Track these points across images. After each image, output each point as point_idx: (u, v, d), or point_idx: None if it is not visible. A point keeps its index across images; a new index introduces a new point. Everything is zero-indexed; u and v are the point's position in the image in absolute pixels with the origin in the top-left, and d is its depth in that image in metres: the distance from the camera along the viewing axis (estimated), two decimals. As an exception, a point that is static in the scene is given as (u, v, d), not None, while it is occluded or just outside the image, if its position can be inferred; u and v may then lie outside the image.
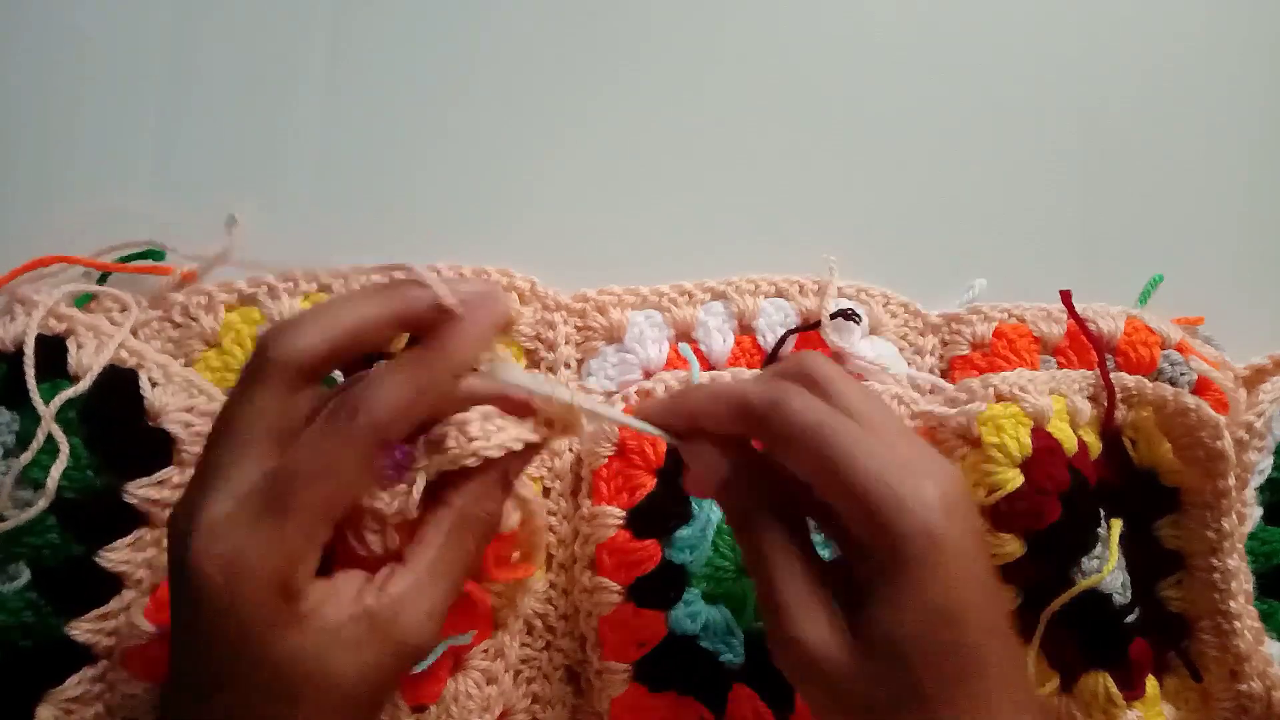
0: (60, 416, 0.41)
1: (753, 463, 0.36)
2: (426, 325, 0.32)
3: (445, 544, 0.32)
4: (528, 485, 0.40)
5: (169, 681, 0.32)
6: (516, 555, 0.42)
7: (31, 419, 0.41)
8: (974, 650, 0.32)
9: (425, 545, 0.32)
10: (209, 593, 0.29)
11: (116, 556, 0.41)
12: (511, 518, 0.41)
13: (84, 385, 0.42)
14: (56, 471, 0.40)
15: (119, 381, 0.43)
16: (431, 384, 0.32)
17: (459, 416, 0.33)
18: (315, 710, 0.30)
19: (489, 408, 0.33)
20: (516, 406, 0.34)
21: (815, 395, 0.34)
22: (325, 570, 0.32)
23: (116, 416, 0.42)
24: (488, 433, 0.33)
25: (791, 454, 0.34)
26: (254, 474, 0.30)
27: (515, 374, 0.33)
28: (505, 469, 0.34)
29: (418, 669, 0.40)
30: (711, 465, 0.36)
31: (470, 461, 0.32)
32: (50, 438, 0.41)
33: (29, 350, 0.41)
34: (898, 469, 0.32)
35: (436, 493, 0.33)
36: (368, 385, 0.31)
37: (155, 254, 0.48)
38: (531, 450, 0.34)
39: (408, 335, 0.35)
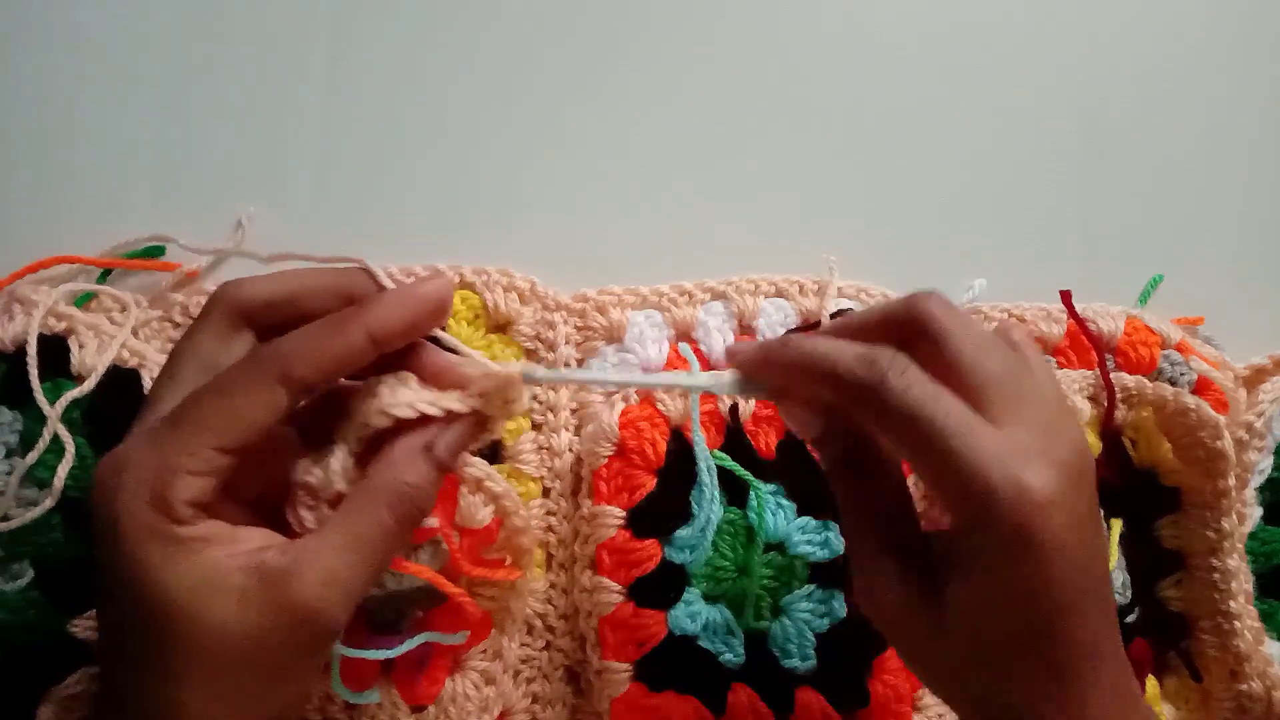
0: (64, 416, 0.41)
1: (847, 421, 0.35)
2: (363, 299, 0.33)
3: (359, 516, 0.31)
4: (500, 481, 0.40)
5: None
6: (508, 559, 0.42)
7: (34, 419, 0.41)
8: (1064, 644, 0.31)
9: (340, 514, 0.32)
10: (93, 495, 0.30)
11: (118, 556, 0.41)
12: (481, 512, 0.41)
13: (89, 385, 0.42)
14: (63, 471, 0.41)
15: (122, 381, 0.43)
16: (342, 331, 0.31)
17: (371, 380, 0.33)
18: (195, 659, 0.29)
19: (405, 373, 0.33)
20: (450, 381, 0.34)
21: (922, 356, 0.32)
22: None
23: (120, 416, 0.42)
24: (396, 392, 0.32)
25: (887, 434, 0.32)
26: (175, 401, 0.31)
27: (452, 340, 0.34)
28: (429, 440, 0.33)
29: (394, 652, 0.39)
30: (803, 422, 0.35)
31: (377, 420, 0.32)
32: (56, 437, 0.41)
33: (31, 350, 0.42)
34: (1000, 457, 0.30)
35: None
36: (288, 335, 0.32)
37: (156, 249, 0.48)
38: (469, 426, 0.33)
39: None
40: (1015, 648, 0.31)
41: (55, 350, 0.43)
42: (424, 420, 0.33)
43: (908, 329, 0.33)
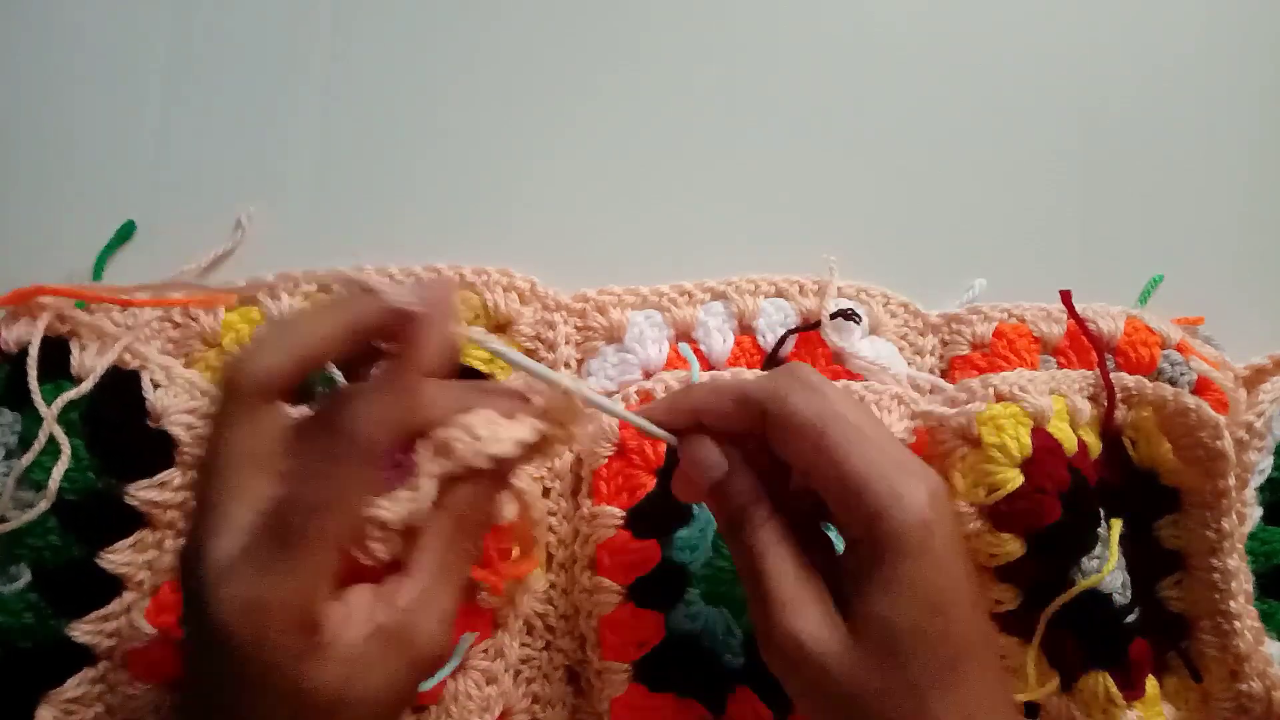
0: (62, 417, 0.41)
1: (748, 458, 0.37)
2: (385, 329, 0.33)
3: (448, 549, 0.32)
4: (522, 476, 0.40)
5: None
6: (516, 551, 0.42)
7: (33, 420, 0.41)
8: (962, 640, 0.34)
9: (428, 552, 0.32)
10: (233, 639, 0.29)
11: (117, 558, 0.41)
12: (508, 509, 0.41)
13: (86, 386, 0.42)
14: (58, 473, 0.41)
15: (121, 383, 0.43)
16: (410, 393, 0.32)
17: (463, 419, 0.33)
18: None
19: (488, 411, 0.33)
20: (513, 404, 0.34)
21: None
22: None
23: (118, 418, 0.42)
24: (495, 433, 0.33)
25: (791, 444, 0.35)
26: (250, 507, 0.30)
27: (516, 356, 0.35)
28: (503, 470, 0.34)
29: (434, 679, 0.40)
30: (708, 461, 0.37)
31: (480, 462, 0.32)
32: (52, 439, 0.41)
33: (33, 352, 0.42)
34: (892, 466, 0.34)
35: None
36: (348, 404, 0.31)
37: (127, 227, 0.49)
38: (530, 449, 0.34)
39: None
40: (922, 645, 0.33)
41: (57, 352, 0.43)
42: None
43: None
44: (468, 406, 0.33)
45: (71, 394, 0.41)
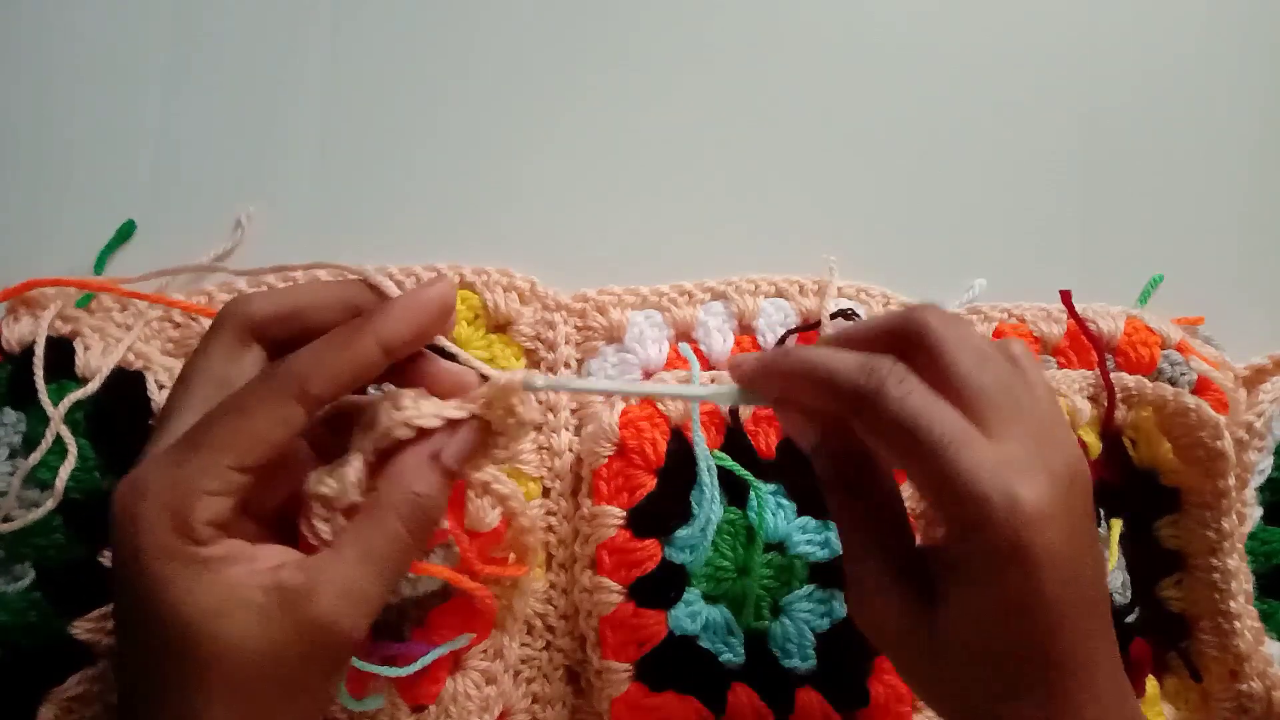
0: (68, 418, 0.41)
1: (843, 432, 0.35)
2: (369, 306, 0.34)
3: (376, 531, 0.31)
4: (507, 483, 0.40)
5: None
6: (512, 557, 0.42)
7: (39, 420, 0.41)
8: (1063, 651, 0.31)
9: (353, 531, 0.32)
10: (114, 519, 0.30)
11: (119, 557, 0.41)
12: (490, 515, 0.41)
13: (93, 386, 0.42)
14: (65, 472, 0.41)
15: (126, 383, 0.43)
16: (354, 344, 0.32)
17: (392, 391, 0.33)
18: (218, 679, 0.29)
19: (420, 389, 0.34)
20: (454, 390, 0.34)
21: (920, 366, 0.32)
22: None
23: (123, 418, 0.42)
24: (419, 404, 0.33)
25: (882, 444, 0.32)
26: (190, 420, 0.31)
27: (453, 347, 0.35)
28: (436, 449, 0.33)
29: (402, 672, 0.39)
30: (800, 431, 0.36)
31: (401, 431, 0.32)
32: (59, 438, 0.41)
33: (39, 352, 0.42)
34: (995, 467, 0.30)
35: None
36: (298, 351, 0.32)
37: (128, 227, 0.49)
38: (474, 434, 0.34)
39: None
40: (1008, 659, 0.31)
41: (61, 352, 0.43)
42: (427, 430, 0.33)
43: (906, 340, 0.33)
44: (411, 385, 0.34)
45: (78, 394, 0.41)
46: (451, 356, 0.35)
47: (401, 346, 0.32)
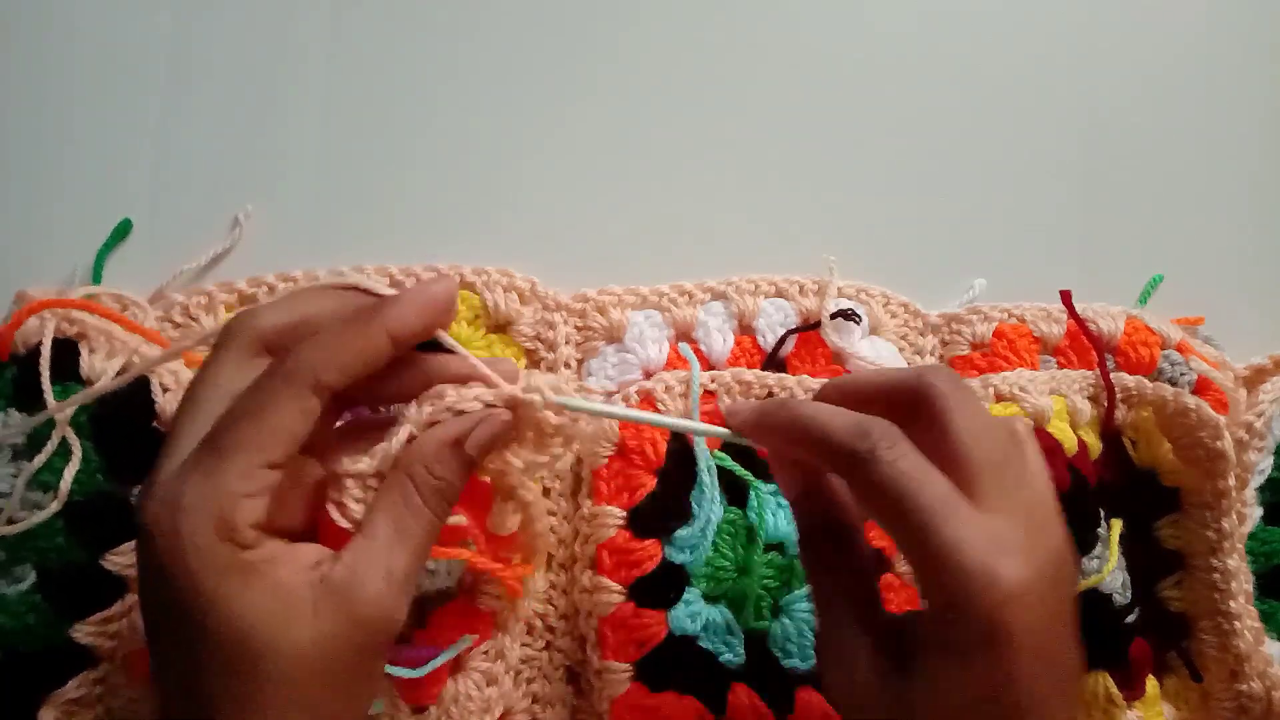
0: (71, 420, 0.41)
1: (826, 491, 0.36)
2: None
3: (399, 506, 0.32)
4: (531, 489, 0.40)
5: (151, 663, 0.32)
6: (517, 558, 0.42)
7: (43, 422, 0.41)
8: None
9: (379, 510, 0.32)
10: (154, 541, 0.29)
11: (121, 560, 0.41)
12: (511, 520, 0.41)
13: (99, 389, 0.42)
14: (69, 475, 0.40)
15: (131, 386, 0.43)
16: (363, 332, 0.32)
17: (436, 389, 0.34)
18: (277, 683, 0.29)
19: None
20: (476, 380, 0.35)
21: (920, 429, 0.32)
22: None
23: (128, 421, 0.42)
24: (461, 393, 0.33)
25: (871, 508, 0.32)
26: (205, 431, 0.31)
27: (452, 342, 0.35)
28: (459, 435, 0.33)
29: (417, 673, 0.40)
30: (787, 484, 0.36)
31: (445, 417, 0.33)
32: (63, 441, 0.41)
33: (45, 354, 0.41)
34: (982, 543, 0.29)
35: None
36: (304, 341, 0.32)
37: (124, 225, 0.48)
38: (498, 427, 0.34)
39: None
40: None
41: (65, 354, 0.42)
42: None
43: (911, 400, 0.33)
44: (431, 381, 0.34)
45: (82, 396, 0.41)
46: (451, 354, 0.36)
47: (410, 337, 0.33)
